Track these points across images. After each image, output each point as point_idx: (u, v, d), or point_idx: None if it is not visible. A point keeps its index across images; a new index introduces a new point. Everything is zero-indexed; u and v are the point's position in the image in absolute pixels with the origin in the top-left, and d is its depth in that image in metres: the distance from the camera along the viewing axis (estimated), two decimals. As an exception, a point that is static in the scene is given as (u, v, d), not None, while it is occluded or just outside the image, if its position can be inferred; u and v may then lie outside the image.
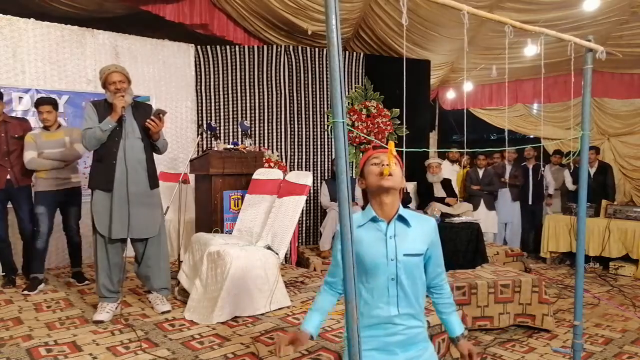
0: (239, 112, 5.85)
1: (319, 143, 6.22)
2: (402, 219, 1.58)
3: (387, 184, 1.53)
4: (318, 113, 6.20)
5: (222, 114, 5.83)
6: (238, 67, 5.83)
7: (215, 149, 4.37)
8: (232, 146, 4.37)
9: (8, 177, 3.90)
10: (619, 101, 7.46)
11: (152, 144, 3.21)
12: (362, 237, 1.56)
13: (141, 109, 3.22)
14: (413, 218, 1.60)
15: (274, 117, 5.96)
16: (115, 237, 3.08)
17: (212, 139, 5.18)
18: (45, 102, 3.94)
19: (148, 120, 3.07)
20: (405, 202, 5.53)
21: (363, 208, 1.66)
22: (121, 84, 3.07)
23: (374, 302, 1.56)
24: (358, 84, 6.42)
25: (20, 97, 4.63)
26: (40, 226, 3.91)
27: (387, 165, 1.52)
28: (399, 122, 6.42)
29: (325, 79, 6.19)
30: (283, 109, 5.99)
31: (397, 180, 1.55)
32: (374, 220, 1.57)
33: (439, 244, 1.65)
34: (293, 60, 6.04)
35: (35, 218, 3.93)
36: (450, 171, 6.94)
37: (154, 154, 3.27)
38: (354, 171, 6.24)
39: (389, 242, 1.54)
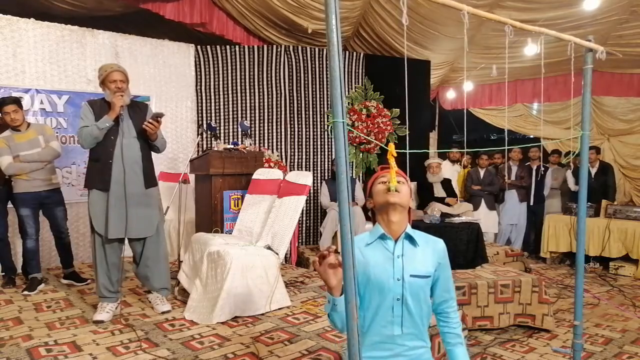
0: (239, 112, 5.85)
1: (319, 143, 6.22)
2: (409, 237, 1.57)
3: (393, 199, 1.52)
4: (318, 113, 6.20)
5: (222, 114, 5.83)
6: (238, 67, 5.83)
7: (215, 149, 4.37)
8: (232, 146, 4.37)
9: (7, 177, 3.85)
10: (618, 101, 7.45)
11: (149, 143, 3.19)
12: (369, 257, 1.55)
13: (137, 108, 3.21)
14: (421, 238, 1.59)
15: (274, 117, 5.95)
16: (112, 236, 3.06)
17: (212, 139, 5.18)
18: (9, 102, 3.75)
19: (146, 123, 3.05)
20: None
21: (373, 221, 1.63)
22: (122, 84, 3.06)
23: (377, 321, 1.53)
24: (358, 84, 6.41)
25: (20, 97, 4.62)
26: (27, 228, 3.85)
27: (389, 182, 1.51)
28: (399, 122, 6.42)
29: (325, 79, 6.18)
30: (283, 109, 5.98)
31: (404, 197, 1.55)
32: (382, 237, 1.56)
33: (448, 268, 1.61)
34: (293, 60, 6.03)
35: (20, 220, 3.87)
36: (451, 171, 6.94)
37: (152, 152, 3.25)
38: (354, 171, 6.24)
39: (396, 261, 1.53)
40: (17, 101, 3.83)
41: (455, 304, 1.64)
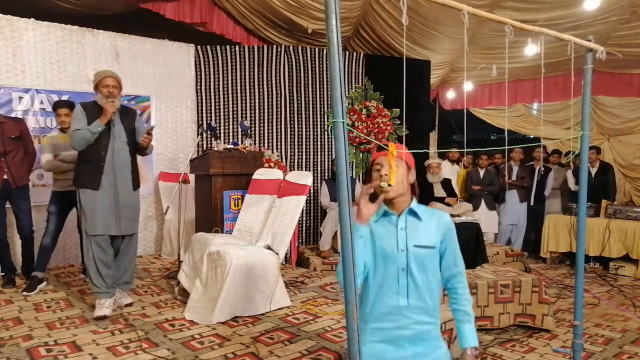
0: (239, 112, 5.85)
1: (319, 143, 6.22)
2: (413, 212, 1.61)
3: (386, 196, 1.56)
4: (318, 113, 6.20)
5: (222, 114, 5.83)
6: (238, 67, 5.83)
7: (215, 149, 4.37)
8: (232, 146, 4.37)
9: (5, 177, 3.86)
10: (618, 101, 7.45)
11: (136, 147, 3.39)
12: (376, 230, 1.60)
13: (126, 113, 3.41)
14: (426, 213, 1.63)
15: (274, 117, 5.95)
16: (100, 232, 3.19)
17: (212, 139, 5.18)
18: (63, 105, 4.10)
19: (142, 139, 3.29)
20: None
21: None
22: (114, 89, 3.26)
23: (384, 292, 1.57)
24: (358, 84, 6.41)
25: (20, 97, 4.62)
26: (49, 224, 3.99)
27: (386, 175, 1.53)
28: (399, 122, 6.42)
29: (325, 79, 6.18)
30: (283, 109, 5.98)
31: (397, 188, 1.56)
32: (385, 214, 1.61)
33: (454, 242, 1.64)
34: (293, 60, 6.03)
35: (47, 216, 4.02)
36: (451, 171, 6.93)
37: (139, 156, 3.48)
38: (354, 171, 6.24)
39: (400, 233, 1.58)
40: (70, 105, 4.07)
41: (464, 280, 1.66)
